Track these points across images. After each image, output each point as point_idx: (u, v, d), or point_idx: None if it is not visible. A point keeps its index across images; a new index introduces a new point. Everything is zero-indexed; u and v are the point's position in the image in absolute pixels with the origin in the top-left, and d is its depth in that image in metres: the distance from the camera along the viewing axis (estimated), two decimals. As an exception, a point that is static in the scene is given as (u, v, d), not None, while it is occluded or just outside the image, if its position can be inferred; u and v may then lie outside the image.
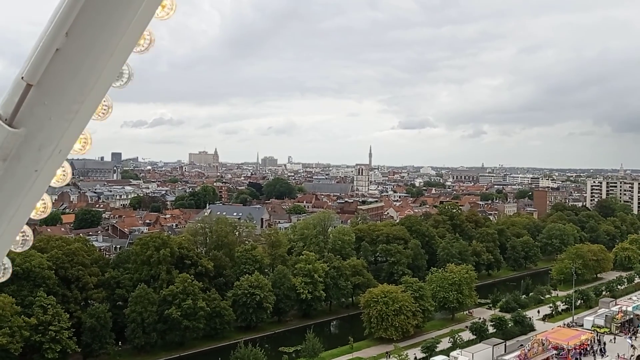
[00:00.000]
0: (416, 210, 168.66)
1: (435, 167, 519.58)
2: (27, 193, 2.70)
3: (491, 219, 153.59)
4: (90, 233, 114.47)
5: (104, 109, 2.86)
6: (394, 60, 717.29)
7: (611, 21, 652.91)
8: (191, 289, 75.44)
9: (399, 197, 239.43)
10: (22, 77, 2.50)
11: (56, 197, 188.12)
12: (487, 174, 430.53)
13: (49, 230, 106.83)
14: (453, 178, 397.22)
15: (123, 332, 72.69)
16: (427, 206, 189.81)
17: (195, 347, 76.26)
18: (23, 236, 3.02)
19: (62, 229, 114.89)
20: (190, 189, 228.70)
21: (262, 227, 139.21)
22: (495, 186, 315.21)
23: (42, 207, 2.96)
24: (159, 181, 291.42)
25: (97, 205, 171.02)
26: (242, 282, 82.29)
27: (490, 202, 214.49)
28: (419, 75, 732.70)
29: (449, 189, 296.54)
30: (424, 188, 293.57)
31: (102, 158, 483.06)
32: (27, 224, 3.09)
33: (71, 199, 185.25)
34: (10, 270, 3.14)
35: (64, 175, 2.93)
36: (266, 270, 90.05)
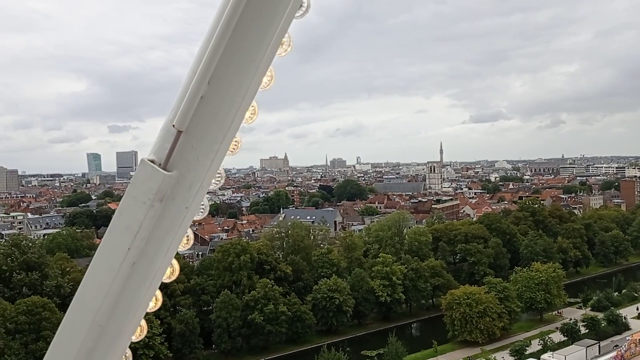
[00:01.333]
0: (494, 207, 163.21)
1: (511, 160, 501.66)
2: (179, 229, 2.92)
3: (576, 213, 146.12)
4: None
5: (235, 145, 3.08)
6: (461, 53, 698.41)
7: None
8: (272, 294, 76.80)
9: (475, 193, 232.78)
10: (174, 125, 2.71)
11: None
12: (567, 166, 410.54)
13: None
14: (531, 171, 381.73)
15: (210, 337, 75.07)
16: (506, 202, 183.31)
17: (279, 351, 77.53)
18: (171, 268, 3.24)
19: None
20: (263, 194, 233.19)
21: (335, 229, 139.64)
22: (578, 178, 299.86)
23: (186, 239, 3.15)
24: (233, 187, 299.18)
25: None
26: (320, 285, 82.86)
27: (573, 195, 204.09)
28: (489, 67, 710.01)
29: (527, 183, 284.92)
30: (501, 183, 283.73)
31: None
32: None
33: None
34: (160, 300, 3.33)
35: (203, 209, 3.12)
36: (343, 274, 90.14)
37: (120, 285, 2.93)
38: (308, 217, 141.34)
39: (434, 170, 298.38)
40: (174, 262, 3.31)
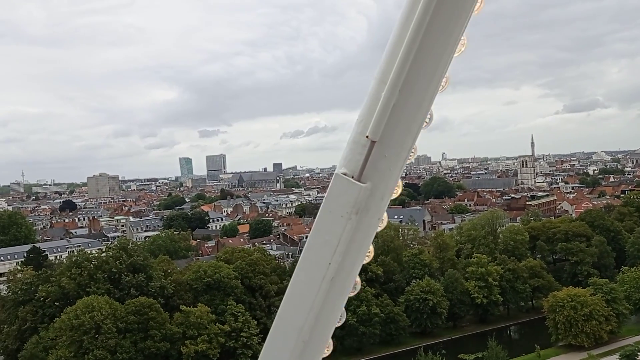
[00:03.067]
0: (595, 203, 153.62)
1: (610, 151, 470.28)
2: (370, 240, 2.97)
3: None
4: (264, 242, 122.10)
5: (412, 152, 3.03)
6: (553, 40, 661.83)
7: None
8: (364, 295, 76.59)
9: (572, 188, 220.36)
10: (367, 136, 2.73)
11: (231, 208, 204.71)
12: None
13: (230, 241, 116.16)
14: (632, 162, 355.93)
15: (304, 338, 76.02)
16: (607, 197, 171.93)
17: (373, 353, 77.28)
18: (355, 283, 3.24)
19: (241, 240, 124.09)
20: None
21: (424, 229, 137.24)
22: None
23: (368, 253, 3.16)
24: (317, 187, 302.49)
25: (267, 215, 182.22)
26: (413, 287, 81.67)
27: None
28: (583, 53, 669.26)
29: (629, 176, 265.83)
30: (600, 176, 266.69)
31: (265, 169, 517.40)
32: None
33: (244, 210, 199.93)
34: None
35: (384, 219, 3.09)
36: (436, 275, 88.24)
37: (321, 300, 2.96)
38: (395, 217, 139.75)
39: (526, 164, 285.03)
40: (357, 277, 3.26)
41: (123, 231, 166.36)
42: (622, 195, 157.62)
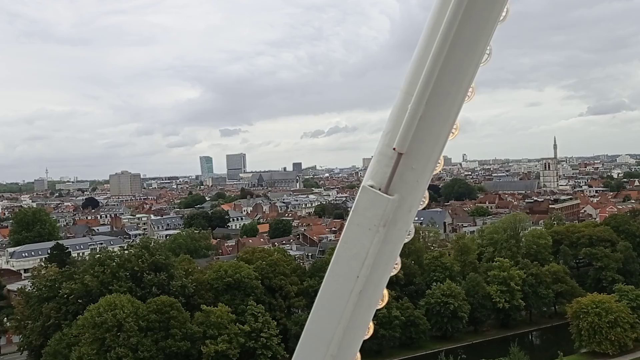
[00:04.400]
0: (620, 207, 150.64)
1: (635, 154, 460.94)
2: (397, 252, 3.06)
3: None
4: (284, 242, 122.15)
5: (439, 163, 3.02)
6: (578, 42, 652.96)
7: None
8: (385, 298, 76.08)
9: (596, 192, 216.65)
10: (394, 148, 2.76)
11: (251, 208, 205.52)
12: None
13: (250, 241, 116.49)
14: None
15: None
16: (633, 201, 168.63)
17: (393, 356, 76.73)
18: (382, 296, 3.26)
19: (261, 240, 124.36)
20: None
21: (445, 231, 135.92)
22: None
23: (395, 264, 3.19)
24: (337, 187, 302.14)
25: (286, 215, 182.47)
26: (434, 290, 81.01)
27: None
28: (609, 55, 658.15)
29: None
30: (625, 180, 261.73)
31: (284, 169, 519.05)
32: None
33: (264, 210, 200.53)
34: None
35: (411, 231, 3.15)
36: (457, 278, 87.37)
37: (349, 314, 2.97)
38: (416, 218, 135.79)
39: (549, 167, 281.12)
40: (385, 289, 3.31)
41: (144, 229, 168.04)
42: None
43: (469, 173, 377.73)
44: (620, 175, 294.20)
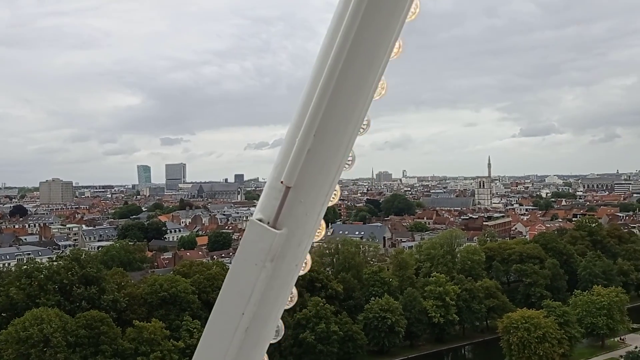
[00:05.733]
0: (548, 225, 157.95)
1: (562, 175, 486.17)
2: (288, 287, 2.90)
3: (636, 232, 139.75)
4: (224, 255, 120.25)
5: (334, 194, 3.00)
6: (513, 67, 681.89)
7: None
8: (324, 313, 76.12)
9: (526, 210, 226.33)
10: (282, 182, 2.67)
11: (190, 219, 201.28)
12: (623, 182, 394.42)
13: (188, 254, 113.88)
14: (584, 187, 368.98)
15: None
16: (560, 220, 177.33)
17: (330, 372, 76.47)
18: (277, 329, 3.15)
19: (199, 252, 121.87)
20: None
21: (384, 246, 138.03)
22: (635, 195, 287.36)
23: (290, 297, 3.08)
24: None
25: (227, 227, 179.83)
26: (372, 305, 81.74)
27: (631, 213, 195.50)
28: (541, 80, 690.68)
29: (580, 200, 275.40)
30: (553, 199, 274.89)
31: (226, 180, 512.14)
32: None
33: (203, 222, 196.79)
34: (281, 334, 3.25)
35: (306, 263, 3.01)
36: (395, 293, 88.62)
37: (234, 352, 2.86)
38: (357, 233, 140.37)
39: (484, 185, 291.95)
40: (280, 321, 3.21)
41: (75, 240, 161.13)
42: (574, 219, 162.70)
43: (409, 189, 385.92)
44: (548, 194, 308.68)
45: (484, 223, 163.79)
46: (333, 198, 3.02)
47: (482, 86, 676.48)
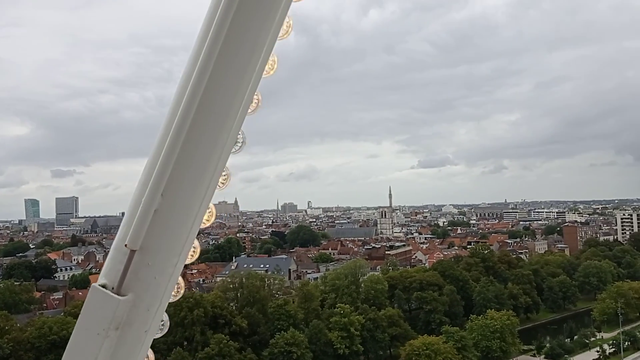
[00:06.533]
0: (445, 253, 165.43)
1: (457, 204, 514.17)
2: (140, 353, 2.75)
3: (523, 258, 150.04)
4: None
5: (193, 252, 2.86)
6: (411, 102, 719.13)
7: (627, 52, 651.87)
8: (227, 350, 73.90)
9: (425, 238, 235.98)
10: (126, 245, 2.53)
11: (82, 257, 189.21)
12: (510, 210, 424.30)
13: (80, 293, 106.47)
14: (476, 216, 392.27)
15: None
16: (456, 247, 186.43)
17: (234, 411, 73.95)
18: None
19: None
20: (213, 242, 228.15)
21: (290, 278, 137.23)
22: (521, 222, 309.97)
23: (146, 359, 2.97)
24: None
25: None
26: (277, 339, 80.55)
27: (519, 240, 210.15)
28: (437, 115, 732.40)
29: (474, 228, 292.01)
30: (449, 228, 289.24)
31: (123, 214, 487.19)
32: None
33: (97, 259, 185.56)
34: None
35: (163, 325, 2.88)
36: (300, 325, 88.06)
37: None
38: (261, 266, 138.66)
39: (385, 215, 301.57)
40: None
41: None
42: (469, 246, 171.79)
43: (314, 220, 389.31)
44: (445, 223, 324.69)
45: (387, 252, 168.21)
46: (192, 256, 2.88)
47: (383, 119, 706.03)
